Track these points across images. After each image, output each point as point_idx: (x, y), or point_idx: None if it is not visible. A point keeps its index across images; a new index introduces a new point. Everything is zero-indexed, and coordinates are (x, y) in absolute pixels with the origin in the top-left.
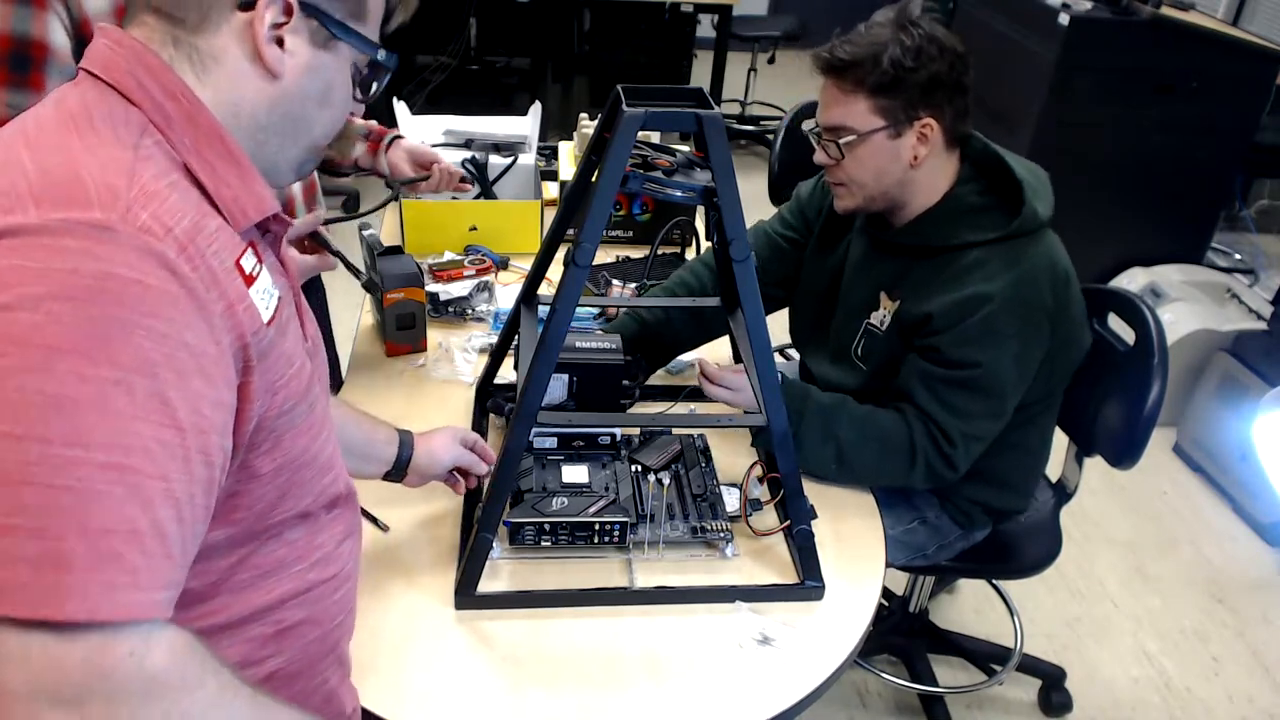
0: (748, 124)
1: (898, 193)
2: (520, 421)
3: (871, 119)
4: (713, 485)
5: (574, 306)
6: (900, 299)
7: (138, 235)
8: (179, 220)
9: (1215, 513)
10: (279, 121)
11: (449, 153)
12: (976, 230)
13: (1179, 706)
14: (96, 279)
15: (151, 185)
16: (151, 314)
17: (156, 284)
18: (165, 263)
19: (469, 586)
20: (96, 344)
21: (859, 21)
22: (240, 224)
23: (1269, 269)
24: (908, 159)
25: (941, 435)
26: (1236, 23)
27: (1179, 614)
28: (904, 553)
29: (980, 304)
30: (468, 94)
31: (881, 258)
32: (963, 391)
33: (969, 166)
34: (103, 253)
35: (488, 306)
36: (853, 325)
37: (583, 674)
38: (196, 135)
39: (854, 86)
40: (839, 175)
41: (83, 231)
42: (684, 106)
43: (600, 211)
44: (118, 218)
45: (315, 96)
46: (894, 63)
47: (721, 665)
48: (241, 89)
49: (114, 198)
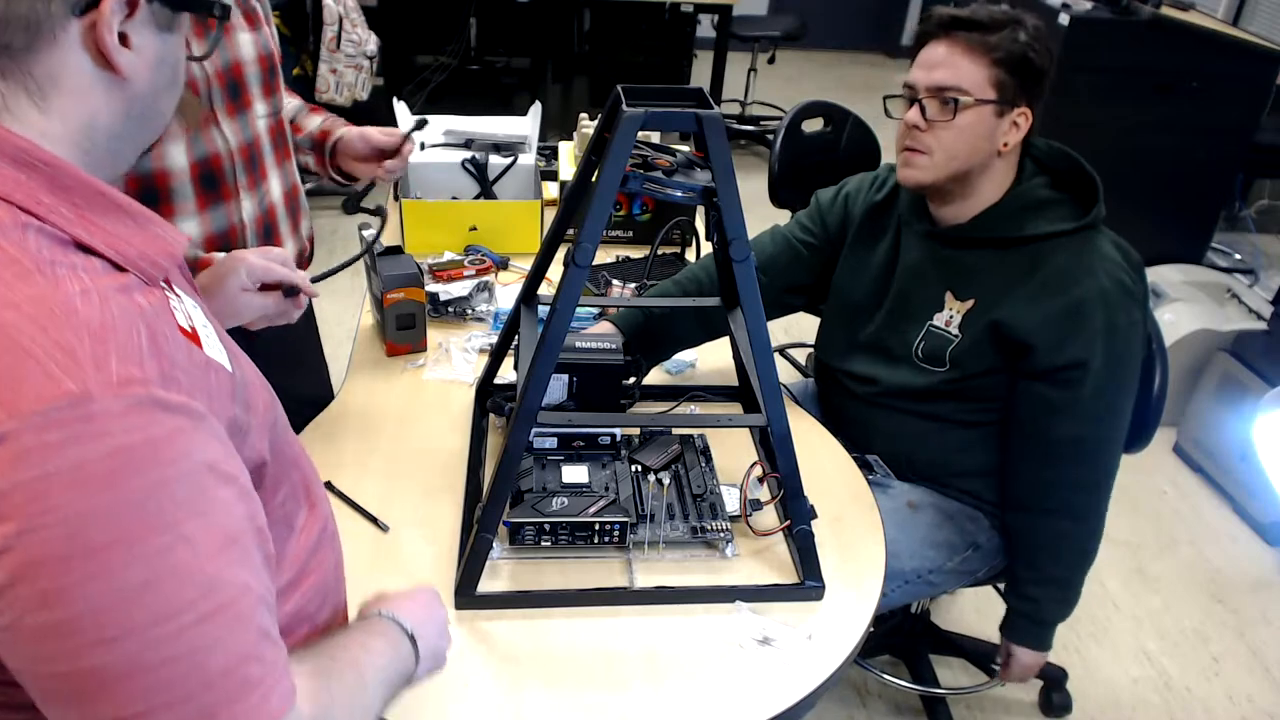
0: (748, 124)
1: (974, 177)
2: (520, 421)
3: (987, 89)
4: (713, 485)
5: (574, 306)
6: (973, 299)
7: (120, 393)
8: (136, 339)
9: (1215, 513)
10: (135, 126)
11: (449, 153)
12: (1051, 222)
13: (1179, 706)
14: (104, 460)
15: (90, 313)
16: (169, 462)
17: (161, 432)
18: (157, 403)
19: (469, 586)
20: (137, 523)
21: (859, 21)
22: (155, 278)
23: (1269, 269)
24: (999, 143)
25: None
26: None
27: (1179, 614)
28: (959, 581)
29: (1098, 308)
30: (468, 94)
31: (944, 257)
32: (1101, 403)
33: (1031, 162)
34: (96, 429)
35: (488, 306)
36: (912, 328)
37: (583, 674)
38: (71, 200)
39: (981, 50)
40: (927, 142)
41: (63, 417)
42: (684, 106)
43: (600, 211)
44: (94, 384)
45: (166, 83)
46: (1025, 41)
47: (721, 665)
48: (91, 106)
49: (73, 360)
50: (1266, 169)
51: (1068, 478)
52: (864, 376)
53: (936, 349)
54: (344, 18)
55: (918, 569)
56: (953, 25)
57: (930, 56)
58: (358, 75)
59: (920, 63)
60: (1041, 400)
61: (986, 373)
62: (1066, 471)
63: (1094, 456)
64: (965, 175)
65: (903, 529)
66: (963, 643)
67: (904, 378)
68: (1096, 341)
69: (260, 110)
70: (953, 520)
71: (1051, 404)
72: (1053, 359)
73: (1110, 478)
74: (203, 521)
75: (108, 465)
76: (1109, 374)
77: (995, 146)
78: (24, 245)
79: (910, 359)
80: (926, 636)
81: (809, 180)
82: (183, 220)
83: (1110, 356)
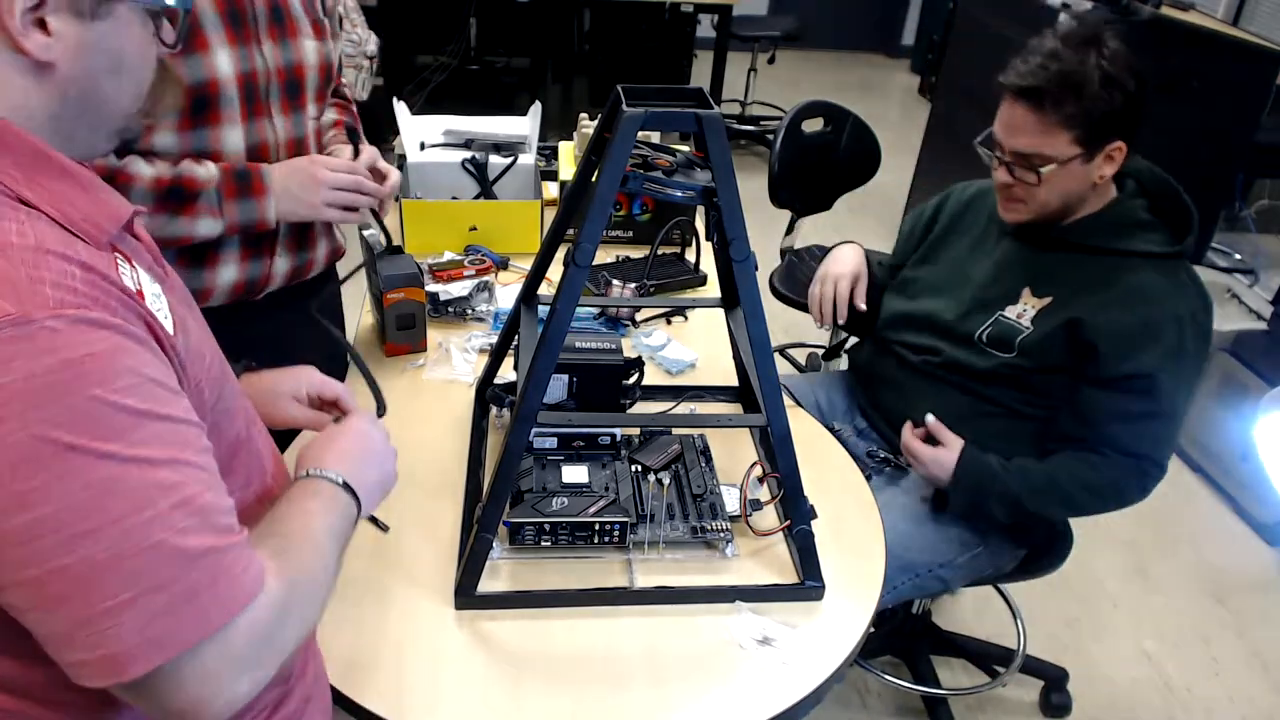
0: (748, 124)
1: (1073, 205)
2: (520, 421)
3: (1070, 149)
4: (713, 485)
5: (574, 306)
6: (1051, 297)
7: (57, 313)
8: (69, 274)
9: (1215, 513)
10: (75, 109)
11: (449, 153)
12: (1146, 242)
13: (1179, 706)
14: (54, 372)
15: (24, 244)
16: (116, 374)
17: (103, 347)
18: (94, 322)
19: (469, 586)
20: (97, 425)
21: (859, 21)
22: (100, 241)
23: (1269, 269)
24: (1094, 178)
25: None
26: (1236, 23)
27: (1179, 614)
28: (966, 577)
29: (1176, 326)
30: (468, 94)
31: (1032, 255)
32: (1157, 422)
33: (1133, 183)
34: (40, 345)
35: (488, 306)
36: (982, 314)
37: (583, 674)
38: (15, 159)
39: (1056, 117)
40: (1020, 194)
41: (5, 335)
42: (684, 106)
43: (600, 211)
44: (31, 305)
45: (106, 69)
46: (1098, 94)
47: (721, 665)
48: (17, 86)
49: (11, 285)
50: (1266, 169)
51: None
52: (925, 347)
53: (1004, 336)
54: (344, 18)
55: (929, 563)
56: (1022, 95)
57: (1009, 119)
58: (358, 75)
59: (1001, 121)
60: (1102, 405)
61: (1051, 369)
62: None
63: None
64: (1062, 208)
65: (918, 523)
66: (964, 643)
67: (966, 356)
68: (1165, 359)
69: (311, 113)
70: (968, 519)
71: (1112, 410)
72: (1119, 367)
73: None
74: (159, 425)
75: (59, 376)
76: (1171, 393)
77: (1090, 182)
78: None
79: (973, 342)
80: (927, 637)
81: (809, 180)
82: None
83: (1175, 377)
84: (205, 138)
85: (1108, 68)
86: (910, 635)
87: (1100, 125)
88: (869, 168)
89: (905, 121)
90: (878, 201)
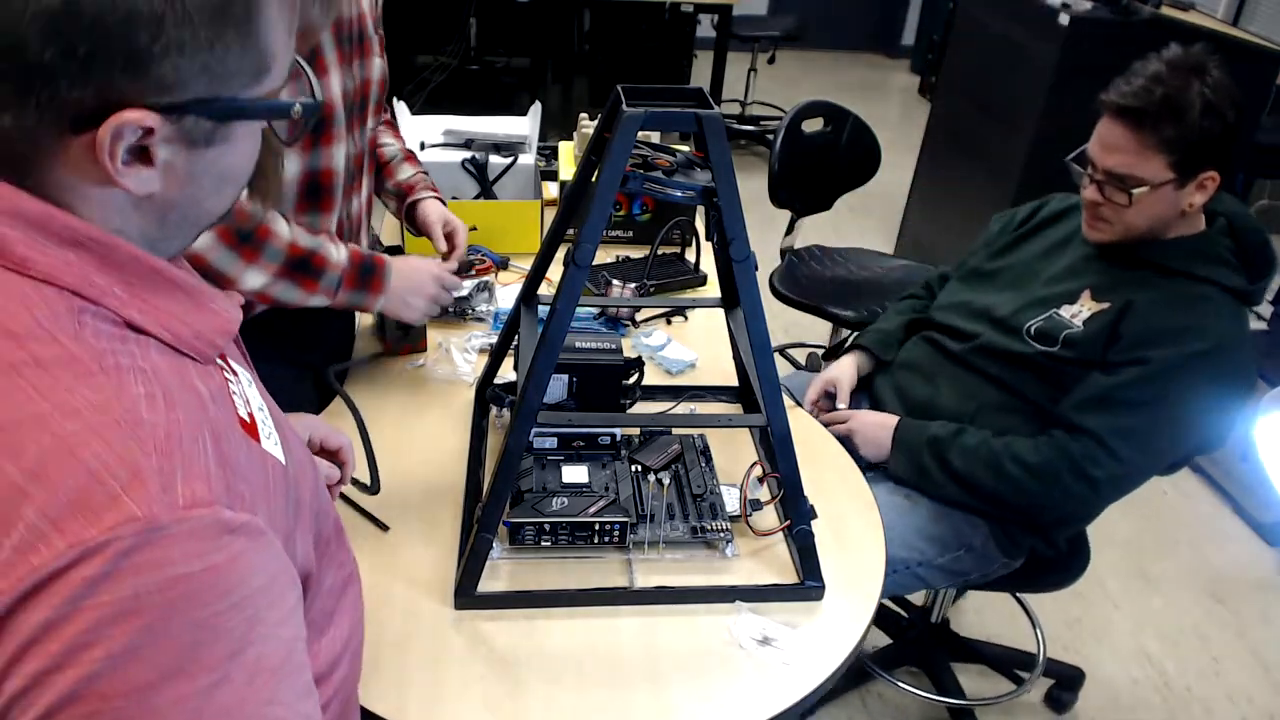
0: (748, 124)
1: (1158, 232)
2: (520, 421)
3: (1164, 173)
4: (713, 485)
5: (574, 306)
6: (1109, 303)
7: (185, 515)
8: (202, 449)
9: (1215, 513)
10: (175, 228)
11: (449, 153)
12: (1219, 274)
13: (1179, 706)
14: (163, 591)
15: (156, 420)
16: (226, 591)
17: (222, 558)
18: (222, 526)
19: (469, 586)
20: (188, 657)
21: (859, 21)
22: (211, 356)
23: None
24: (1183, 206)
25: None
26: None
27: (1179, 614)
28: (946, 579)
29: (1201, 337)
30: (468, 94)
31: (1106, 265)
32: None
33: (1224, 222)
34: (158, 557)
35: (488, 306)
36: (1036, 310)
37: (582, 674)
38: (124, 279)
39: (1154, 140)
40: (1107, 214)
41: (126, 546)
42: (684, 106)
43: (600, 211)
44: (160, 507)
45: (210, 190)
46: (1197, 122)
47: (721, 665)
48: (115, 214)
49: (139, 480)
50: (1266, 169)
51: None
52: (969, 333)
53: (1051, 330)
54: None
55: (906, 559)
56: (1122, 114)
57: (1107, 137)
58: None
59: (1098, 139)
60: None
61: (1087, 363)
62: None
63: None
64: (1149, 231)
65: (901, 516)
66: (984, 649)
67: (1006, 342)
68: (1179, 360)
69: (370, 124)
70: (948, 518)
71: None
72: (1129, 353)
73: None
74: (254, 651)
75: (166, 596)
76: (1165, 394)
77: (1179, 209)
78: (81, 338)
79: (1020, 332)
80: (946, 645)
81: (809, 180)
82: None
83: (1180, 384)
84: (320, 157)
85: (1210, 96)
86: (929, 644)
87: (1196, 152)
88: (869, 168)
89: (905, 121)
90: (878, 201)
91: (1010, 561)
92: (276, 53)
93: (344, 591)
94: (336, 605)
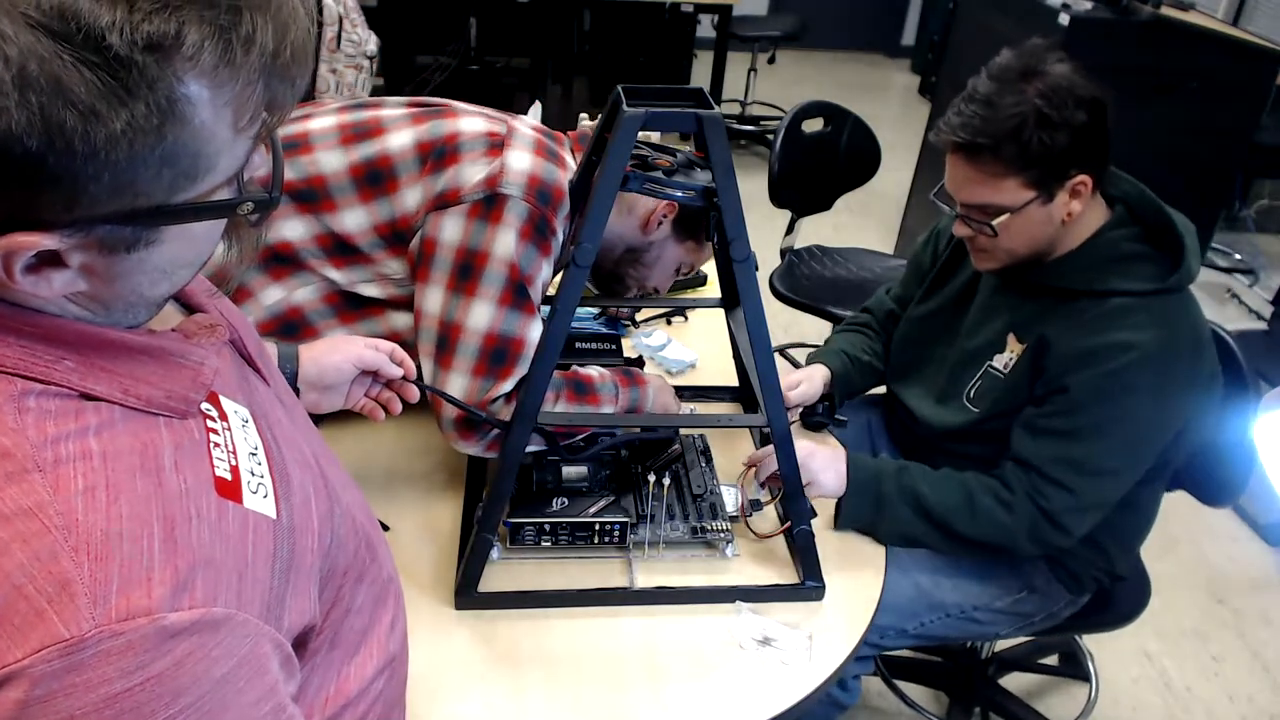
0: (748, 124)
1: (1046, 247)
2: (520, 421)
3: (1023, 193)
4: (713, 485)
5: (574, 306)
6: (1030, 342)
7: (120, 630)
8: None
9: (1215, 513)
10: (125, 311)
11: None
12: (1127, 279)
13: (1179, 706)
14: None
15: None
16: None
17: (163, 666)
18: (164, 633)
19: (469, 586)
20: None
21: (859, 21)
22: (187, 412)
23: (1269, 269)
24: (1061, 217)
25: (1053, 492)
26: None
27: (1179, 614)
28: (1011, 624)
29: (1120, 352)
30: (468, 94)
31: (1015, 298)
32: (1083, 444)
33: (1122, 209)
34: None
35: None
36: (971, 368)
37: (583, 674)
38: (75, 350)
39: (997, 166)
40: (984, 244)
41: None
42: (684, 106)
43: (600, 211)
44: (88, 624)
45: (153, 280)
46: (1037, 134)
47: (721, 665)
48: (49, 306)
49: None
50: (1266, 169)
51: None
52: (918, 416)
53: (986, 391)
54: (344, 17)
55: (960, 603)
56: (958, 150)
57: (954, 175)
58: (358, 75)
59: (949, 176)
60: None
61: (1019, 409)
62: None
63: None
64: (1034, 253)
65: (947, 556)
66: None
67: (945, 417)
68: (1091, 383)
69: None
70: (1009, 561)
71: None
72: (1050, 384)
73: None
74: None
75: (103, 716)
76: (1087, 415)
77: (1057, 221)
78: (20, 429)
79: (960, 400)
80: (984, 689)
81: (809, 180)
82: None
83: (1095, 400)
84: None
85: (1042, 104)
86: (967, 680)
87: (1050, 163)
88: (869, 168)
89: (905, 121)
90: (878, 201)
91: (1075, 599)
92: (216, 151)
93: (379, 603)
94: (370, 621)
